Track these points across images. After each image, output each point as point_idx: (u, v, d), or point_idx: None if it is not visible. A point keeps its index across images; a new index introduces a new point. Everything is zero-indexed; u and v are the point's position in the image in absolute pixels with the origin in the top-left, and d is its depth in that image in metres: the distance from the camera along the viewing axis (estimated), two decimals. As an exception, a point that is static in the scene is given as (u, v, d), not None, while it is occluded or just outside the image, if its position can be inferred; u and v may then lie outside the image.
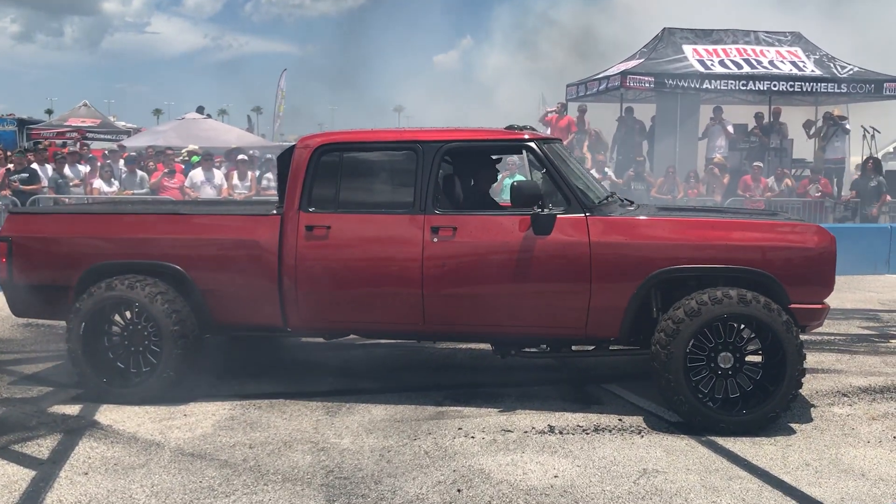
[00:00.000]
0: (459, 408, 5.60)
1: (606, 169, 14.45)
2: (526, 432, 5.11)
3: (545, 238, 5.32)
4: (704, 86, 15.81)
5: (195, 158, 14.99)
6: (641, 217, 5.56)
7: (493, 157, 6.71)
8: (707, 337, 5.12)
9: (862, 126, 16.64)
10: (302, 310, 5.62)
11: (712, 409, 5.10)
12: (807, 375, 6.31)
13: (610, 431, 5.15)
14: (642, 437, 5.06)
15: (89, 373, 5.70)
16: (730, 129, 16.13)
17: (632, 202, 6.31)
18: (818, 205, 13.88)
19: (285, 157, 5.93)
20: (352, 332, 5.96)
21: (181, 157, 15.21)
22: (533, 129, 5.98)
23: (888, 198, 13.64)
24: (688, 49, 16.48)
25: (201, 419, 5.37)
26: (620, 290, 5.27)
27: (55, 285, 5.88)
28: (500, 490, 4.25)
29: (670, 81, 15.69)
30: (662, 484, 4.33)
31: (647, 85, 15.76)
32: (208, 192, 12.43)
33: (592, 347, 5.76)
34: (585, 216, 5.36)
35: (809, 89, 16.24)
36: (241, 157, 13.35)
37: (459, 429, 5.17)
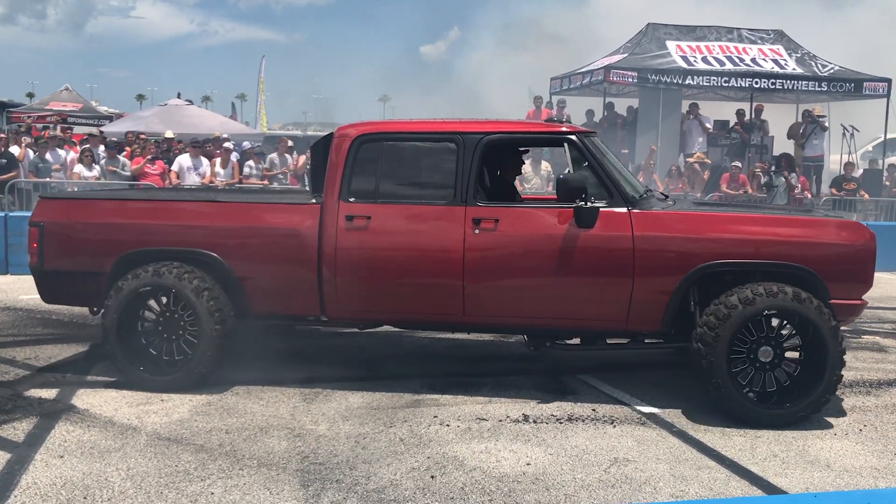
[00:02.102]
0: (436, 396, 5.66)
1: None
2: (500, 421, 5.17)
3: (588, 231, 5.34)
4: (687, 82, 15.93)
5: None
6: (684, 211, 5.63)
7: (521, 149, 6.69)
8: (748, 331, 5.16)
9: (841, 125, 16.82)
10: (341, 299, 5.62)
11: (756, 402, 5.17)
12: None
13: (583, 421, 5.22)
14: (614, 426, 5.13)
15: (124, 361, 5.67)
16: (708, 125, 16.25)
17: (666, 196, 6.35)
18: (797, 202, 14.02)
19: (319, 147, 5.95)
20: (389, 322, 5.95)
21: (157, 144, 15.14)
22: (570, 122, 6.02)
23: (802, 192, 13.74)
24: (671, 45, 16.59)
25: (178, 404, 5.39)
26: (663, 283, 5.31)
27: (87, 272, 5.81)
28: (472, 477, 4.31)
29: (653, 77, 15.78)
30: (632, 472, 4.40)
31: (630, 80, 15.85)
32: (194, 180, 12.40)
33: (627, 340, 5.81)
34: (629, 210, 5.39)
35: (791, 87, 16.40)
36: (225, 144, 13.33)
37: (435, 417, 5.22)
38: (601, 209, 5.34)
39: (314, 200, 5.71)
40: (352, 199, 5.59)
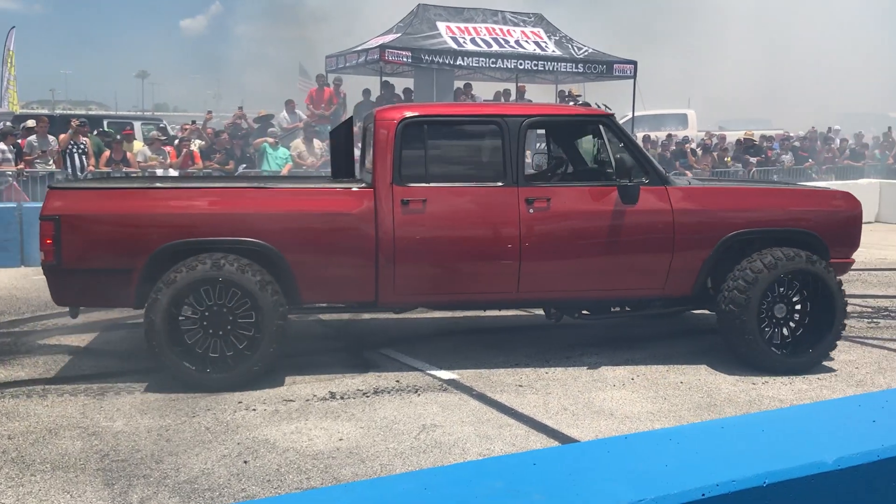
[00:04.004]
0: (237, 381, 5.53)
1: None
2: (308, 400, 5.18)
3: (633, 207, 5.74)
4: (458, 62, 16.49)
5: None
6: (711, 187, 6.32)
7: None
8: (768, 290, 5.74)
9: (595, 103, 18.25)
10: (398, 284, 5.57)
11: (784, 354, 5.80)
12: (560, 332, 6.96)
13: (389, 393, 5.35)
14: (419, 395, 5.31)
15: (175, 359, 5.18)
16: (480, 105, 16.95)
17: (666, 172, 6.82)
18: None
19: (340, 132, 5.96)
20: (441, 305, 6.24)
21: None
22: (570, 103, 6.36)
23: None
24: (441, 26, 17.07)
25: (-54, 413, 4.87)
26: (698, 252, 5.85)
27: (114, 269, 5.20)
28: (286, 457, 4.29)
29: (426, 57, 16.18)
30: (441, 437, 4.60)
31: (404, 59, 16.13)
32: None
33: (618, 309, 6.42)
34: (665, 187, 5.84)
35: (550, 68, 17.49)
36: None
37: (239, 402, 5.12)
38: (642, 187, 5.76)
39: (363, 185, 5.63)
40: (407, 184, 5.53)
